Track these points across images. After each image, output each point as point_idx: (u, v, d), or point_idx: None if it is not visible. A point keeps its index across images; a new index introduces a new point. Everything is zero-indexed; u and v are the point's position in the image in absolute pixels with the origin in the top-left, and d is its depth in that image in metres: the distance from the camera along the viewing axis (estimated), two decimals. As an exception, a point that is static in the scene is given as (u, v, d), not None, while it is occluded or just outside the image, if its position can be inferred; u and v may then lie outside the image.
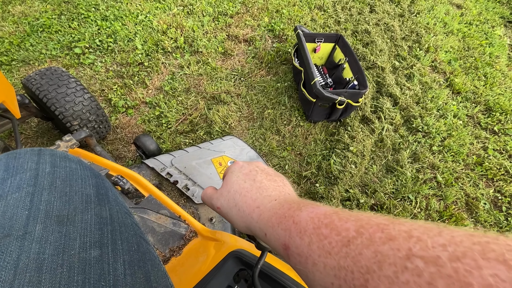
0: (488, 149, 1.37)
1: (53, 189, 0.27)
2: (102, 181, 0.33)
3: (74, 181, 0.30)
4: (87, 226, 0.26)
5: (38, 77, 0.98)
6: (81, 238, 0.25)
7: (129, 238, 0.28)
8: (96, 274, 0.23)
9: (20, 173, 0.28)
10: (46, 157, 0.31)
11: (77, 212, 0.27)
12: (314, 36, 1.42)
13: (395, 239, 0.14)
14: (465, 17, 2.09)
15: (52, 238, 0.23)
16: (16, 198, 0.25)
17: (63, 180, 0.29)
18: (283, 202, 0.24)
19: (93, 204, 0.28)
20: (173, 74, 1.48)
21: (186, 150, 1.04)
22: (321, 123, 1.37)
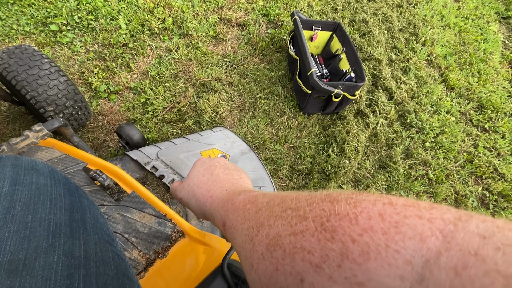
0: (479, 147, 1.38)
1: (9, 220, 0.20)
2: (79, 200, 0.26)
3: (41, 204, 0.23)
4: (51, 275, 0.19)
5: (6, 55, 0.87)
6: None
7: (109, 282, 0.22)
8: None
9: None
10: (6, 169, 0.24)
11: (39, 253, 0.20)
12: (311, 24, 1.35)
13: (285, 201, 0.17)
14: (462, 10, 2.06)
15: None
16: None
17: (24, 204, 0.22)
18: (230, 191, 0.26)
19: (62, 237, 0.22)
20: (160, 57, 1.38)
21: (173, 142, 0.97)
22: (316, 115, 1.33)
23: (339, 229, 0.12)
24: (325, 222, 0.13)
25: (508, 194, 1.23)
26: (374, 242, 0.11)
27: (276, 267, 0.14)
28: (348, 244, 0.12)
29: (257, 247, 0.16)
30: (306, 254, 0.13)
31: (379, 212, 0.12)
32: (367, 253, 0.11)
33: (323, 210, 0.14)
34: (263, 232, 0.17)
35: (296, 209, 0.16)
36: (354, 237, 0.12)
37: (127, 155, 0.89)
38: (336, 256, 0.12)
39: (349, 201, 0.14)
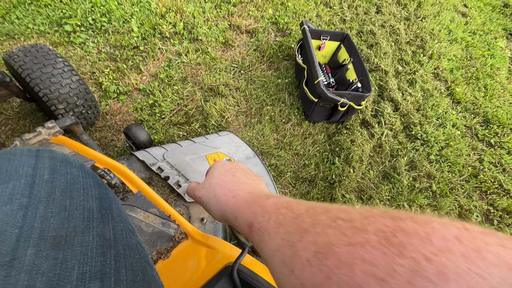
0: (484, 162, 1.37)
1: (51, 202, 0.23)
2: (106, 191, 0.28)
3: (76, 191, 0.25)
4: (88, 251, 0.22)
5: (22, 53, 0.89)
6: (80, 267, 0.20)
7: (134, 264, 0.24)
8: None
9: (14, 179, 0.23)
10: (45, 160, 0.26)
11: (77, 232, 0.22)
12: (320, 33, 1.37)
13: (330, 211, 0.18)
14: (470, 26, 2.07)
15: (45, 267, 0.19)
16: (6, 212, 0.20)
17: (63, 191, 0.24)
18: (255, 194, 0.27)
19: (95, 221, 0.24)
20: (170, 61, 1.41)
21: (179, 144, 0.99)
22: (321, 124, 1.34)
23: (409, 246, 0.12)
24: (390, 237, 0.13)
25: (513, 210, 1.22)
26: (452, 263, 0.11)
27: (327, 276, 0.14)
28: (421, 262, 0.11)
29: (300, 252, 0.16)
30: (368, 267, 0.13)
31: (455, 235, 0.12)
32: (445, 274, 0.11)
33: (386, 226, 0.14)
34: (309, 239, 0.16)
35: (349, 220, 0.16)
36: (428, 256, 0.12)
37: (133, 155, 0.91)
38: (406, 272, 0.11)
39: (415, 219, 0.13)
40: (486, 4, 2.34)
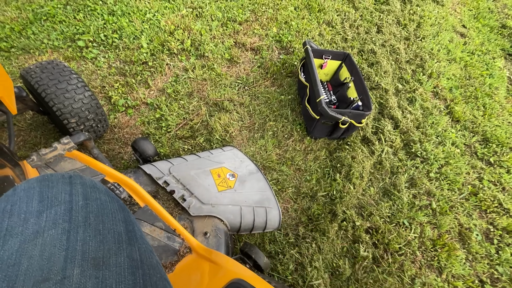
0: (483, 180, 1.39)
1: (88, 226, 0.26)
2: (128, 215, 0.31)
3: (106, 216, 0.28)
4: (121, 271, 0.25)
5: (39, 70, 0.94)
6: (116, 285, 0.23)
7: (158, 282, 0.27)
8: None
9: (55, 205, 0.26)
10: (77, 187, 0.29)
11: (111, 254, 0.25)
12: (322, 53, 1.43)
13: None
14: (468, 46, 2.13)
15: (90, 285, 0.22)
16: (53, 236, 0.24)
17: (96, 216, 0.27)
18: None
19: (124, 244, 0.27)
20: (177, 76, 1.46)
21: (185, 158, 1.02)
22: (323, 140, 1.37)
23: None
24: None
25: (513, 230, 1.23)
26: None
27: None
28: None
29: None
30: None
31: None
32: None
33: None
34: None
35: None
36: None
37: (140, 169, 0.94)
38: None
39: None
40: (484, 25, 2.41)
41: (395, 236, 1.13)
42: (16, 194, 0.26)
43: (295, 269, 1.01)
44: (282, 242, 1.06)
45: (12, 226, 0.23)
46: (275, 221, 0.97)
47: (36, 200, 0.26)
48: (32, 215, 0.24)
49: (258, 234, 1.07)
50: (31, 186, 0.27)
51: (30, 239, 0.23)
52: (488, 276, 1.12)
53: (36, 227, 0.24)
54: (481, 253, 1.16)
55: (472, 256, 1.16)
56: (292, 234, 1.10)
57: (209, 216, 0.88)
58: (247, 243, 0.91)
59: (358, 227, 1.12)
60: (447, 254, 1.13)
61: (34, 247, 0.22)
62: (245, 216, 0.93)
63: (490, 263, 1.15)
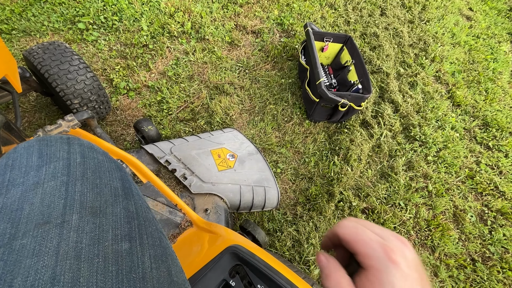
0: (481, 164, 1.40)
1: (85, 180, 0.28)
2: (125, 175, 0.33)
3: (103, 173, 0.30)
4: (117, 219, 0.27)
5: (41, 50, 0.95)
6: (113, 231, 0.26)
7: (153, 232, 0.29)
8: (127, 266, 0.24)
9: (54, 161, 0.28)
10: (75, 146, 0.31)
11: (108, 204, 0.27)
12: (323, 35, 1.41)
13: None
14: (474, 29, 2.09)
15: (87, 229, 0.24)
16: (52, 186, 0.26)
17: (93, 172, 0.29)
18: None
19: (120, 197, 0.29)
20: (177, 59, 1.46)
21: (186, 139, 1.04)
22: (322, 123, 1.38)
23: None
24: None
25: (507, 212, 1.25)
26: None
27: None
28: None
29: None
30: None
31: None
32: None
33: None
34: None
35: None
36: None
37: (143, 149, 0.96)
38: None
39: None
40: (492, 8, 2.35)
41: (390, 216, 1.16)
42: (17, 151, 0.29)
43: (292, 245, 1.05)
44: (280, 220, 1.10)
45: (14, 178, 0.26)
46: (273, 200, 1.00)
47: (35, 156, 0.28)
48: (32, 169, 0.27)
49: (257, 212, 1.10)
50: (30, 144, 0.29)
51: (31, 188, 0.25)
52: (480, 255, 1.16)
53: (36, 178, 0.26)
54: (474, 234, 1.20)
55: (465, 236, 1.19)
56: (290, 213, 1.13)
57: (210, 194, 0.91)
58: (247, 220, 0.95)
59: (354, 207, 1.16)
60: (440, 234, 1.16)
61: (35, 195, 0.25)
62: (245, 194, 0.96)
63: (483, 242, 1.19)
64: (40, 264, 0.20)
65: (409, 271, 0.22)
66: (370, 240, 0.23)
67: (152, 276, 0.25)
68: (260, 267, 0.44)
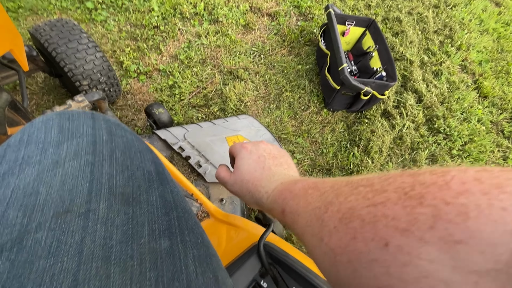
0: (508, 159, 1.32)
1: (114, 161, 0.23)
2: (157, 158, 0.28)
3: (133, 153, 0.25)
4: (154, 210, 0.22)
5: (48, 28, 0.90)
6: (149, 224, 0.20)
7: (194, 227, 0.24)
8: (169, 271, 0.19)
9: (77, 137, 0.23)
10: (101, 122, 0.26)
11: (142, 191, 0.22)
12: (345, 18, 1.32)
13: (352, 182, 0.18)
14: (503, 16, 1.95)
15: (118, 221, 0.19)
16: (75, 167, 0.21)
17: (122, 152, 0.24)
18: (285, 183, 0.27)
19: (155, 183, 0.24)
20: (189, 42, 1.39)
21: (200, 125, 0.98)
22: (341, 112, 1.31)
23: (428, 195, 0.12)
24: (409, 192, 0.13)
25: (536, 210, 1.18)
26: (473, 202, 0.11)
27: (353, 236, 0.15)
28: (441, 207, 0.12)
29: (327, 222, 0.17)
30: (390, 221, 0.13)
31: (474, 177, 0.12)
32: (466, 213, 0.11)
33: (404, 182, 0.14)
34: (333, 209, 0.17)
35: (369, 185, 0.16)
36: (447, 200, 0.12)
37: (155, 134, 0.91)
38: (427, 219, 0.12)
39: (433, 172, 0.14)
40: (522, -6, 2.19)
41: (412, 212, 1.10)
42: (34, 126, 0.23)
43: (310, 239, 1.00)
44: (296, 213, 1.05)
45: (29, 155, 0.21)
46: (291, 192, 0.95)
47: (55, 131, 0.23)
48: (50, 145, 0.22)
49: (272, 204, 1.05)
50: (49, 118, 0.24)
51: (49, 168, 0.20)
52: None
53: (55, 157, 0.21)
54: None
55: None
56: (307, 206, 1.08)
57: (225, 184, 0.86)
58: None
59: (374, 202, 1.10)
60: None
61: (54, 177, 0.20)
62: (261, 185, 0.91)
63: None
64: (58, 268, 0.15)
65: (255, 151, 0.32)
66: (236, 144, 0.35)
67: (198, 284, 0.20)
68: (294, 267, 0.39)
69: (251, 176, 0.30)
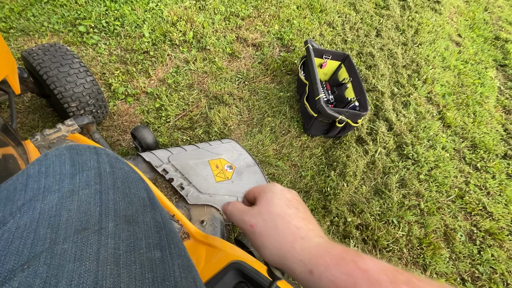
0: (470, 184, 1.45)
1: (116, 189, 0.28)
2: (148, 187, 0.33)
3: (130, 183, 0.30)
4: (148, 229, 0.27)
5: (41, 52, 0.94)
6: (145, 239, 0.26)
7: (178, 243, 0.29)
8: (161, 274, 0.24)
9: (86, 170, 0.28)
10: (103, 156, 0.31)
11: (139, 214, 0.27)
12: (322, 52, 1.45)
13: None
14: (462, 55, 2.19)
15: (123, 236, 0.24)
16: (87, 194, 0.26)
17: (122, 182, 0.29)
18: (331, 242, 0.23)
19: (148, 208, 0.29)
20: (177, 67, 1.46)
21: (184, 148, 1.03)
22: (319, 138, 1.40)
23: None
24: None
25: (495, 232, 1.29)
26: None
27: None
28: None
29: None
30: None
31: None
32: None
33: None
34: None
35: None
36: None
37: (140, 156, 0.95)
38: None
39: None
40: (479, 36, 2.48)
41: (384, 233, 1.17)
42: (48, 159, 0.28)
43: (287, 260, 1.04)
44: (275, 234, 1.09)
45: (49, 185, 0.25)
46: (270, 213, 0.99)
47: (68, 164, 0.28)
48: (66, 177, 0.27)
49: (252, 225, 1.09)
50: (61, 152, 0.29)
51: (67, 196, 0.25)
52: (469, 275, 1.17)
53: (71, 186, 0.26)
54: (464, 253, 1.22)
55: (456, 255, 1.21)
56: (285, 227, 1.12)
57: (206, 205, 0.90)
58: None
59: (349, 223, 1.16)
60: (432, 253, 1.17)
61: (71, 202, 0.25)
62: (241, 207, 0.95)
63: (472, 262, 1.21)
64: (83, 269, 0.21)
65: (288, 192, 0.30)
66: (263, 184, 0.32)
67: (182, 285, 0.25)
68: (264, 285, 0.43)
69: (283, 211, 0.27)
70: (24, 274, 0.19)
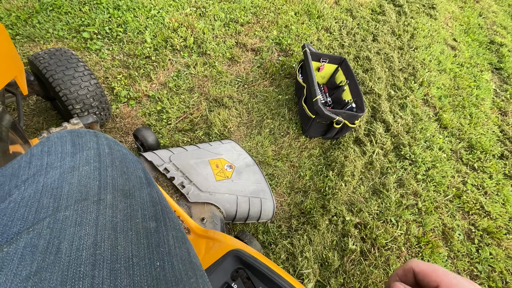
0: (467, 184, 1.46)
1: (114, 168, 0.30)
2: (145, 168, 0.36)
3: (128, 163, 0.33)
4: (144, 202, 0.29)
5: (47, 56, 0.97)
6: (141, 211, 0.28)
7: (173, 218, 0.32)
8: (156, 241, 0.26)
9: (86, 150, 0.31)
10: (102, 139, 0.34)
11: (135, 189, 0.30)
12: (319, 56, 1.49)
13: None
14: (458, 58, 2.24)
15: (120, 207, 0.26)
16: (87, 170, 0.28)
17: (120, 161, 0.32)
18: None
19: (145, 185, 0.32)
20: (178, 71, 1.50)
21: (185, 148, 1.06)
22: (317, 139, 1.42)
23: None
24: None
25: (492, 231, 1.30)
26: None
27: None
28: None
29: None
30: None
31: None
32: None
33: None
34: None
35: None
36: None
37: (142, 156, 0.97)
38: None
39: None
40: (474, 40, 2.53)
41: (382, 232, 1.18)
42: (51, 140, 0.31)
43: (287, 258, 1.05)
44: (275, 233, 1.11)
45: (52, 162, 0.28)
46: (269, 212, 1.01)
47: (69, 145, 0.30)
48: (67, 155, 0.29)
49: (252, 224, 1.11)
50: (63, 135, 0.32)
51: (68, 171, 0.27)
52: (468, 273, 1.18)
53: (72, 163, 0.28)
54: (462, 252, 1.23)
55: (454, 254, 1.22)
56: (285, 226, 1.14)
57: (207, 203, 0.92)
58: (243, 231, 0.95)
59: (347, 222, 1.18)
60: (430, 251, 1.18)
61: (72, 177, 0.27)
62: (241, 205, 0.97)
63: (470, 261, 1.21)
64: (83, 232, 0.23)
65: None
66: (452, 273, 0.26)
67: (176, 253, 0.27)
68: (262, 270, 0.45)
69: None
70: (29, 235, 0.21)
